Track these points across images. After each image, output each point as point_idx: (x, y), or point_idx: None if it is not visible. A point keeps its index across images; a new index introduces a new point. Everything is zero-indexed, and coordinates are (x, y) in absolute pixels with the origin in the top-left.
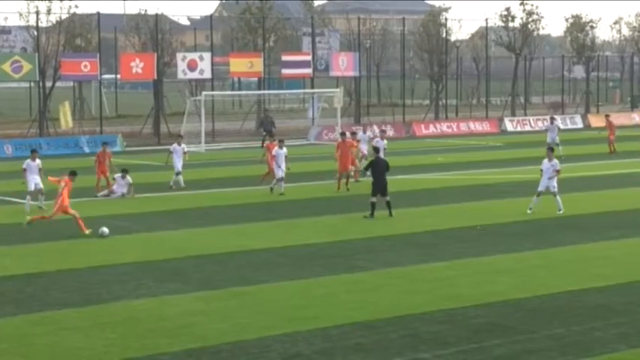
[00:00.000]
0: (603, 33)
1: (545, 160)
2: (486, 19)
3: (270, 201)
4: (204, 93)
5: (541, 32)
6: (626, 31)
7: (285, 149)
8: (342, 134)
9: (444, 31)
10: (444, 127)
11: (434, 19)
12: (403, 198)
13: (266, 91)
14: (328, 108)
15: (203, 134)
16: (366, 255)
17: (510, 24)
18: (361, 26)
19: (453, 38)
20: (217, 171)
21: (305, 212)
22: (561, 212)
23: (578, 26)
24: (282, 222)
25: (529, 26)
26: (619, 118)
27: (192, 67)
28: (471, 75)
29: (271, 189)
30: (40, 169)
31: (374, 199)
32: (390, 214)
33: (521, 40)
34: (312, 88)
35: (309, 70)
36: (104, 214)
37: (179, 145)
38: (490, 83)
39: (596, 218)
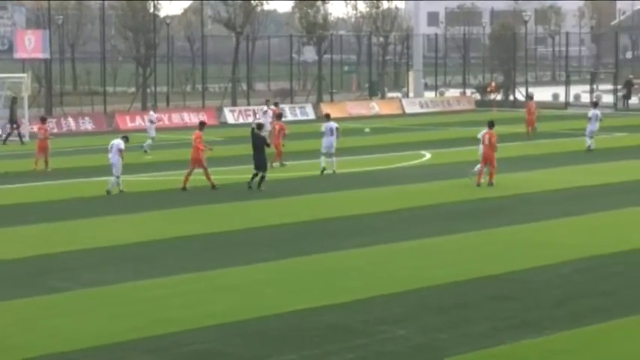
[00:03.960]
0: (337, 9)
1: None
2: None
3: None
4: None
5: (265, 7)
6: (362, 7)
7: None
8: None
9: (152, 5)
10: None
11: None
12: (107, 203)
13: None
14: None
15: None
16: (64, 273)
17: None
18: None
19: (162, 14)
20: None
21: None
22: None
23: (307, 1)
24: None
25: (251, 0)
26: (356, 108)
27: None
28: (185, 57)
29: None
30: None
31: (254, 172)
32: (259, 187)
33: (242, 16)
34: None
35: None
36: None
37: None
38: (207, 67)
39: (339, 223)
